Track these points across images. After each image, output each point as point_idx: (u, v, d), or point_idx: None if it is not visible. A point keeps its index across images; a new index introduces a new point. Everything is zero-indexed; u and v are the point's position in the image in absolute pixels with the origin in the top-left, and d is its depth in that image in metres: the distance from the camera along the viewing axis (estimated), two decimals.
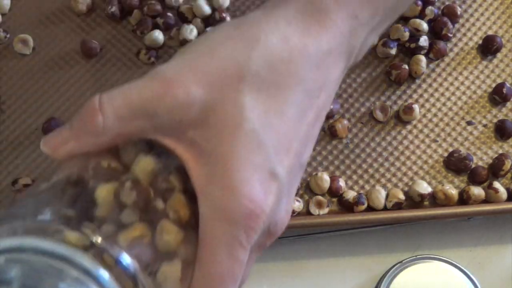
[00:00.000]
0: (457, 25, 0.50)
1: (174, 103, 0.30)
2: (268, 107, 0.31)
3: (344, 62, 0.34)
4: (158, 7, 0.49)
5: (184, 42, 0.48)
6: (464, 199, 0.45)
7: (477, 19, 0.50)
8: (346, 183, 0.46)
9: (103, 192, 0.30)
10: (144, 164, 0.31)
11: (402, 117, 0.47)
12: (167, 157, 0.31)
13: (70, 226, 0.28)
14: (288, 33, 0.32)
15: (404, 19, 0.49)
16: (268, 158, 0.30)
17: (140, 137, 0.31)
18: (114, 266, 0.27)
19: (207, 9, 0.49)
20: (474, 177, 0.45)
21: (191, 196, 0.31)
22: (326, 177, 0.45)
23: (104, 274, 0.26)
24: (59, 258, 0.26)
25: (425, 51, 0.48)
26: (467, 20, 0.50)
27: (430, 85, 0.48)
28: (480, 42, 0.49)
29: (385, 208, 0.45)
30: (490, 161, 0.46)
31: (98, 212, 0.29)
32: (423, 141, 0.47)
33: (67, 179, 0.31)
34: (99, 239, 0.27)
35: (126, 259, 0.28)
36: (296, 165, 0.32)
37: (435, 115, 0.47)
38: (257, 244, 0.32)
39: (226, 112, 0.30)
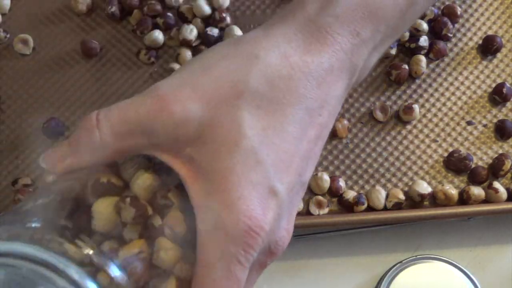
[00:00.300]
0: (457, 25, 0.50)
1: (171, 119, 0.30)
2: (267, 124, 0.31)
3: (346, 80, 0.33)
4: (158, 7, 0.49)
5: (184, 42, 0.48)
6: (464, 199, 0.45)
7: (477, 19, 0.50)
8: (346, 183, 0.46)
9: (101, 207, 0.30)
10: (143, 181, 0.31)
11: (402, 117, 0.47)
12: (167, 174, 0.31)
13: (62, 236, 0.27)
14: (288, 50, 0.32)
15: None
16: (267, 175, 0.30)
17: (138, 153, 0.31)
18: (105, 280, 0.27)
19: (207, 9, 0.49)
20: (474, 177, 0.45)
21: (190, 213, 0.31)
22: (326, 177, 0.45)
23: (92, 286, 0.26)
24: (46, 265, 0.26)
25: (425, 51, 0.48)
26: (467, 20, 0.50)
27: (430, 85, 0.48)
28: (480, 42, 0.49)
29: (385, 208, 0.45)
30: (490, 161, 0.46)
31: (95, 227, 0.29)
32: (423, 141, 0.47)
33: (65, 193, 0.31)
34: (90, 251, 0.27)
35: (117, 273, 0.27)
36: (297, 183, 0.32)
37: (435, 115, 0.47)
38: (257, 263, 0.31)
39: (224, 129, 0.30)
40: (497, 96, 0.47)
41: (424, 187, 0.44)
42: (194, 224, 0.30)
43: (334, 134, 0.46)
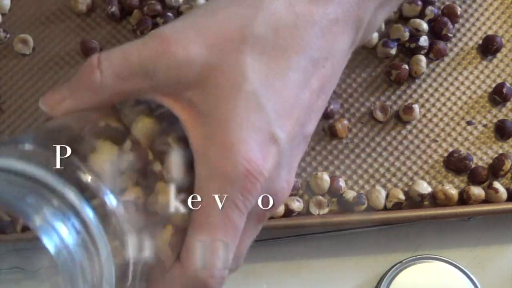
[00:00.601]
0: (457, 25, 0.50)
1: (173, 61, 0.30)
2: (270, 71, 0.30)
3: (351, 34, 0.33)
4: (158, 7, 0.49)
5: None
6: (464, 199, 0.45)
7: (477, 19, 0.50)
8: (346, 183, 0.45)
9: (98, 151, 0.29)
10: (143, 124, 0.30)
11: (402, 117, 0.47)
12: (168, 123, 0.31)
13: (59, 161, 0.26)
14: None
15: (404, 19, 0.49)
16: (268, 120, 0.30)
17: (138, 97, 0.31)
18: (101, 208, 0.26)
19: None
20: (474, 177, 0.45)
21: (190, 159, 0.30)
22: (326, 177, 0.45)
23: (88, 211, 0.25)
24: (43, 185, 0.25)
25: (425, 51, 0.48)
26: (467, 20, 0.50)
27: (430, 85, 0.48)
28: (480, 42, 0.49)
29: (385, 208, 0.45)
30: (490, 161, 0.46)
31: (93, 168, 0.28)
32: (423, 141, 0.47)
33: (61, 129, 0.30)
34: (89, 178, 0.26)
35: (115, 203, 0.26)
36: (299, 134, 0.31)
37: (435, 115, 0.47)
38: (256, 214, 0.31)
39: (227, 73, 0.30)
40: (497, 96, 0.47)
41: (424, 187, 0.44)
42: (194, 170, 0.30)
43: (334, 134, 0.46)
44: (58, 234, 0.25)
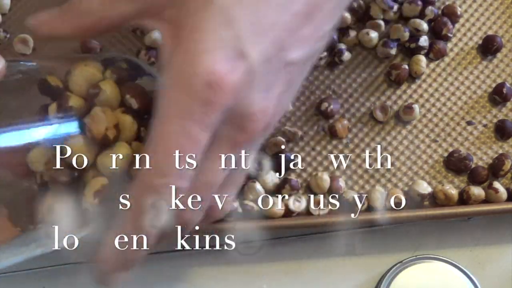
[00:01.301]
0: (457, 25, 0.50)
1: None
2: None
3: None
4: None
5: None
6: (464, 199, 0.45)
7: (477, 19, 0.50)
8: (346, 183, 0.45)
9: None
10: (80, 71, 0.33)
11: (402, 117, 0.47)
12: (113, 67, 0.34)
13: None
14: None
15: (404, 19, 0.49)
16: (238, 36, 0.29)
17: (125, 23, 0.32)
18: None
19: None
20: (474, 177, 0.45)
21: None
22: (326, 177, 0.45)
23: None
24: None
25: (425, 51, 0.48)
26: (467, 20, 0.50)
27: (430, 85, 0.48)
28: (480, 42, 0.49)
29: (385, 208, 0.45)
30: (490, 161, 0.46)
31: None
32: (423, 141, 0.47)
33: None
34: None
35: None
36: (276, 57, 0.30)
37: (435, 115, 0.47)
38: (226, 137, 0.30)
39: None
40: (497, 96, 0.47)
41: (424, 187, 0.44)
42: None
43: (334, 134, 0.46)
44: None
